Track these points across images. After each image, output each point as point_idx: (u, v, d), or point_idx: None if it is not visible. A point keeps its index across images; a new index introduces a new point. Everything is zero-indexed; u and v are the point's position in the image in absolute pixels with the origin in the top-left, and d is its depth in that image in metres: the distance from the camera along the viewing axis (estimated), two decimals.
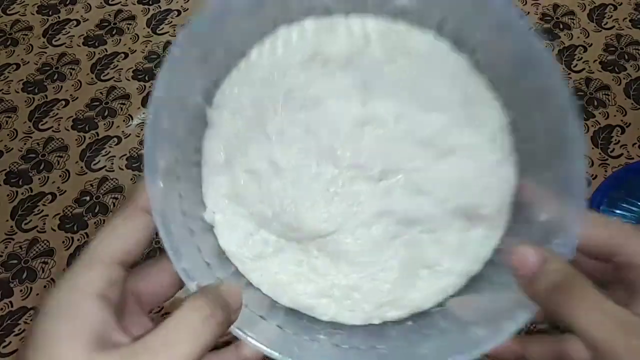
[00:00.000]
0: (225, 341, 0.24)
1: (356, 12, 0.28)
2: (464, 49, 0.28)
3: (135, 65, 0.58)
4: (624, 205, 0.49)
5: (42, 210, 0.50)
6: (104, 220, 0.49)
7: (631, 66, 0.57)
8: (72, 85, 0.57)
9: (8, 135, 0.54)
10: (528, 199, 0.26)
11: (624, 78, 0.57)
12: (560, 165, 0.24)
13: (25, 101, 0.56)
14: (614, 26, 0.60)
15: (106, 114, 0.55)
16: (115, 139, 0.54)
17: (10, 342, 0.44)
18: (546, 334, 0.27)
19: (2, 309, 0.46)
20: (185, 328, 0.20)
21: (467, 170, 0.27)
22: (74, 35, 0.60)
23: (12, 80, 0.57)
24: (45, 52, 0.59)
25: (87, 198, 0.50)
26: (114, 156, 0.53)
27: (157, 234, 0.22)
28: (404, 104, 0.27)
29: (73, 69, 0.58)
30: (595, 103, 0.55)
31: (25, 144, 0.53)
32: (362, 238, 0.27)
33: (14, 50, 0.60)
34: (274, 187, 0.27)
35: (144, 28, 0.61)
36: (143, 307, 0.24)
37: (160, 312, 0.42)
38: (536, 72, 0.24)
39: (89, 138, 0.54)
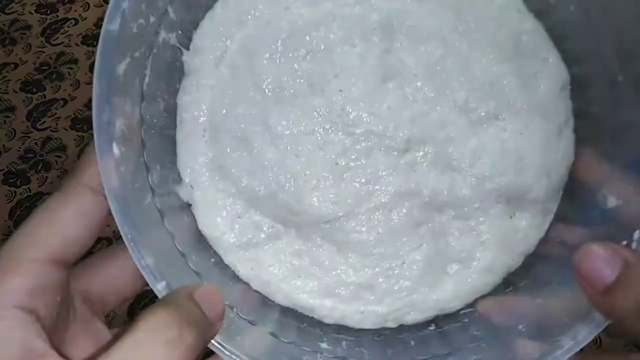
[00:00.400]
0: None
1: None
2: None
3: None
4: None
5: None
6: None
7: None
8: (71, 84, 0.56)
9: (6, 135, 0.53)
10: (590, 178, 0.22)
11: None
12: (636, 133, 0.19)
13: (24, 101, 0.55)
14: None
15: None
16: None
17: None
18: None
19: None
20: (145, 356, 0.15)
21: (513, 141, 0.22)
22: (72, 35, 0.59)
23: (10, 80, 0.56)
24: (44, 52, 0.58)
25: None
26: None
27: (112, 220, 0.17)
28: (437, 54, 0.22)
29: (71, 69, 0.57)
30: None
31: (23, 143, 0.52)
32: (378, 225, 0.23)
33: (12, 50, 0.59)
34: (269, 157, 0.22)
35: None
36: (96, 310, 0.19)
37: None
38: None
39: (88, 138, 0.53)
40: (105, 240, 0.45)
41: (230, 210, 0.22)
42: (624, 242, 0.18)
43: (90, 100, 0.58)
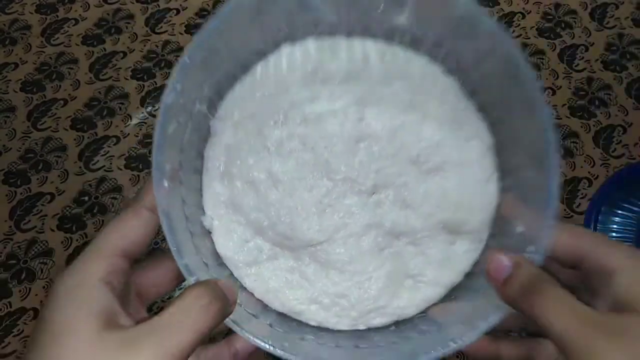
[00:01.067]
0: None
1: (359, 27, 0.30)
2: (456, 71, 0.30)
3: (134, 65, 0.59)
4: (625, 205, 0.51)
5: (41, 211, 0.51)
6: (102, 221, 0.51)
7: (633, 65, 0.58)
8: (71, 84, 0.58)
9: (6, 135, 0.55)
10: (507, 214, 0.29)
11: (625, 77, 0.58)
12: (537, 181, 0.25)
13: (24, 101, 0.57)
14: (615, 25, 0.61)
15: (105, 113, 0.56)
16: (114, 139, 0.55)
17: (9, 343, 0.46)
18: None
19: (0, 309, 0.47)
20: (187, 313, 0.22)
21: (453, 187, 0.29)
22: (72, 35, 0.61)
23: (10, 80, 0.58)
24: (44, 52, 0.60)
25: (86, 198, 0.52)
26: (113, 156, 0.54)
27: (158, 235, 0.25)
28: (397, 123, 0.29)
29: (71, 69, 0.59)
30: (597, 103, 0.56)
31: (23, 143, 0.54)
32: (352, 248, 0.29)
33: (12, 50, 0.60)
34: (272, 197, 0.29)
35: (143, 27, 0.62)
36: (142, 302, 0.26)
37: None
38: (521, 94, 0.26)
39: (88, 138, 0.55)
40: None
41: (241, 236, 0.29)
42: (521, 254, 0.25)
43: (90, 100, 0.63)
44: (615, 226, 0.50)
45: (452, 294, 0.30)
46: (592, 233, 0.26)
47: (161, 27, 0.62)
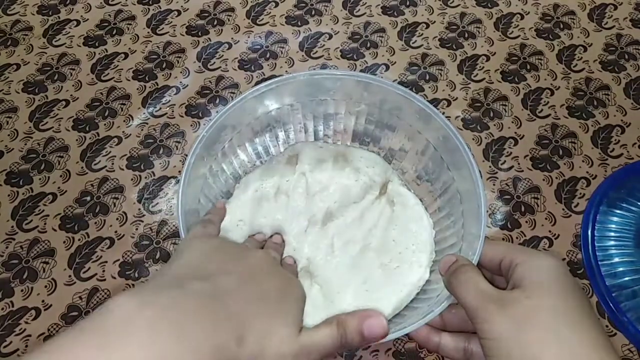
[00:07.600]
0: None
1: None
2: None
3: (135, 66, 0.59)
4: (624, 205, 0.50)
5: (43, 210, 0.50)
6: (104, 220, 0.50)
7: (631, 66, 0.58)
8: (73, 85, 0.57)
9: (9, 135, 0.54)
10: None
11: (624, 78, 0.57)
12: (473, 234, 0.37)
13: (26, 101, 0.56)
14: (614, 26, 0.61)
15: (106, 114, 0.56)
16: (116, 139, 0.54)
17: (11, 342, 0.45)
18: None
19: (2, 308, 0.46)
20: None
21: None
22: (74, 36, 0.61)
23: (12, 81, 0.58)
24: (46, 53, 0.60)
25: (88, 198, 0.51)
26: (115, 156, 0.53)
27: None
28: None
29: (73, 69, 0.59)
30: (595, 103, 0.56)
31: (25, 144, 0.54)
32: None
33: (14, 51, 0.60)
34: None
35: (144, 28, 0.62)
36: None
37: None
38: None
39: (90, 138, 0.54)
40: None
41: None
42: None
43: (92, 101, 0.62)
44: (613, 226, 0.49)
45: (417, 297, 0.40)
46: (507, 243, 0.43)
47: (162, 28, 0.62)
